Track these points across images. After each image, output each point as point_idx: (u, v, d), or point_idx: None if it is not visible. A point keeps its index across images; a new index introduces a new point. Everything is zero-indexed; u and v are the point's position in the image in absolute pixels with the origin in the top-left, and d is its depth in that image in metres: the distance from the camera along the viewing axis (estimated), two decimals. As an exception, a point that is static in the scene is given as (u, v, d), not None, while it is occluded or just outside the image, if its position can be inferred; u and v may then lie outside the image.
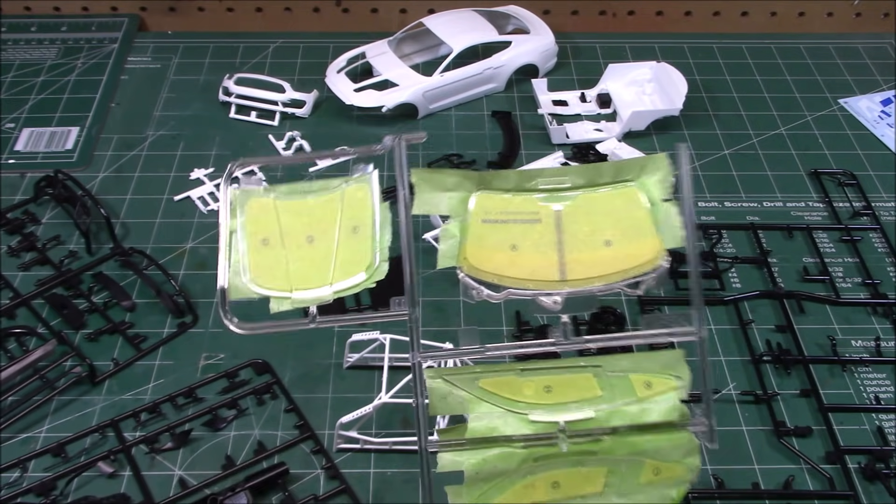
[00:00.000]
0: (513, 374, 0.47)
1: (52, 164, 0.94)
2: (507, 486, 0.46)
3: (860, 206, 0.92)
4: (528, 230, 0.47)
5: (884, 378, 0.76)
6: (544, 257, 0.46)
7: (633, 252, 0.46)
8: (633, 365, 0.47)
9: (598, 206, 0.47)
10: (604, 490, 0.47)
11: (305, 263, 0.47)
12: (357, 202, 0.48)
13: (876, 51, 1.17)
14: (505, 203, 0.47)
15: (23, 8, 1.20)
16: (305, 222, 0.48)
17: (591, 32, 1.19)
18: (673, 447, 0.46)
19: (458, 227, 0.46)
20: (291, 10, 1.19)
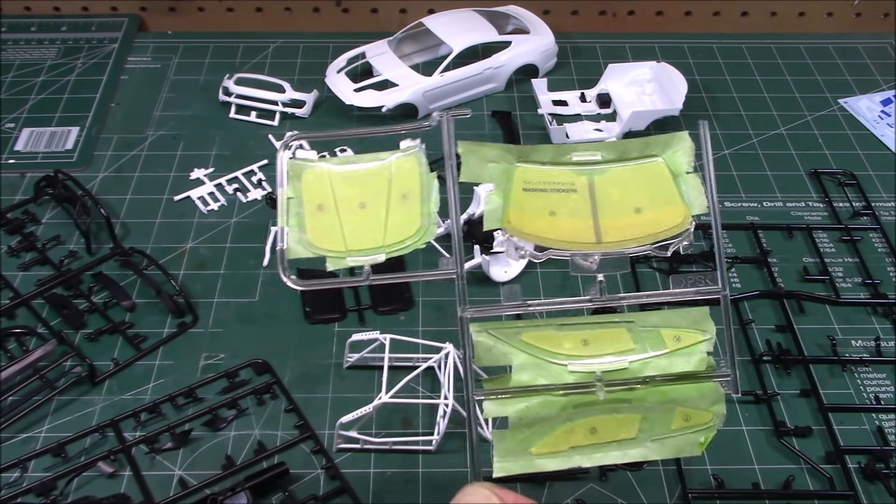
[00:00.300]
0: (552, 328, 0.50)
1: (52, 164, 0.94)
2: (548, 431, 0.49)
3: (860, 206, 0.92)
4: (564, 198, 0.51)
5: (884, 378, 0.76)
6: (581, 222, 0.50)
7: (661, 218, 0.50)
8: (662, 321, 0.51)
9: (627, 177, 0.51)
10: (638, 435, 0.50)
11: (359, 227, 0.50)
12: (406, 172, 0.51)
13: (876, 51, 1.17)
14: (543, 174, 0.51)
15: (23, 8, 1.20)
16: (357, 190, 0.51)
17: (591, 32, 1.19)
18: (700, 396, 0.49)
19: (501, 195, 0.50)
20: (291, 10, 1.19)
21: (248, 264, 0.85)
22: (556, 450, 0.50)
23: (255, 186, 0.93)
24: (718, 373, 0.49)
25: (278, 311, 0.81)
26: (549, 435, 0.49)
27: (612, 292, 0.49)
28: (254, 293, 0.82)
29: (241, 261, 0.85)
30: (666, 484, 0.68)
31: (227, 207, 0.91)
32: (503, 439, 0.49)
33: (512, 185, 0.50)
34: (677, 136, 0.52)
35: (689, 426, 0.50)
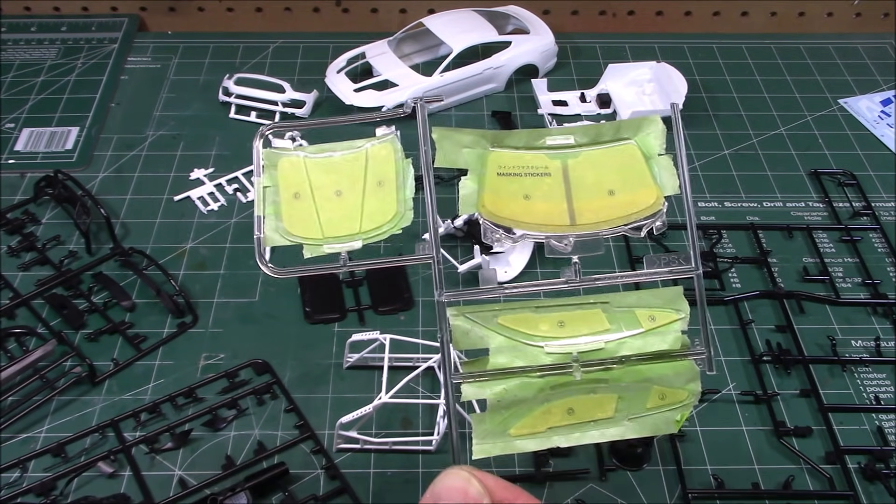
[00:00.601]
0: (529, 311, 0.50)
1: (52, 164, 0.94)
2: (526, 413, 0.50)
3: (860, 206, 0.92)
4: (538, 182, 0.51)
5: (884, 378, 0.76)
6: (555, 205, 0.51)
7: (634, 199, 0.51)
8: (637, 301, 0.51)
9: (600, 160, 0.52)
10: (615, 414, 0.51)
11: (335, 214, 0.50)
12: (381, 160, 0.52)
13: (876, 51, 1.17)
14: (517, 159, 0.52)
15: (23, 8, 1.20)
16: (333, 178, 0.51)
17: (591, 32, 1.19)
18: (676, 374, 0.50)
19: (476, 180, 0.51)
20: (291, 10, 1.19)
21: (248, 264, 0.85)
22: (535, 431, 0.50)
23: (255, 186, 0.93)
24: (693, 350, 0.50)
25: (278, 311, 0.81)
26: (528, 416, 0.50)
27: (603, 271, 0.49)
28: (254, 293, 0.82)
29: (241, 261, 0.85)
30: (666, 484, 0.68)
31: (227, 207, 0.91)
32: (482, 421, 0.50)
33: (486, 170, 0.51)
34: (648, 118, 0.52)
35: (665, 404, 0.51)
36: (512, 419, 0.50)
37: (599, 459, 0.69)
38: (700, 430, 0.71)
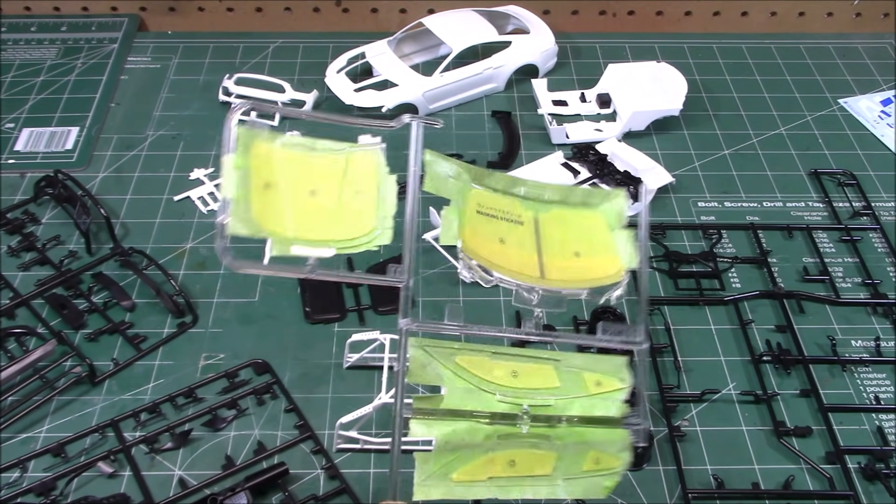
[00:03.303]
0: (486, 355, 0.50)
1: (52, 164, 0.94)
2: (471, 459, 0.49)
3: (860, 206, 0.92)
4: (512, 228, 0.52)
5: (884, 378, 0.76)
6: (527, 255, 0.51)
7: (597, 265, 0.52)
8: (586, 364, 0.52)
9: (569, 221, 0.53)
10: (552, 472, 0.51)
11: (307, 215, 0.48)
12: (362, 169, 0.50)
13: (876, 51, 1.17)
14: (495, 200, 0.52)
15: (23, 8, 1.20)
16: (306, 177, 0.48)
17: (591, 32, 1.19)
18: (611, 441, 0.51)
19: (457, 213, 0.50)
20: (291, 10, 1.19)
21: (248, 264, 0.85)
22: (475, 479, 0.50)
23: (255, 186, 0.93)
24: (632, 420, 0.51)
25: (278, 311, 0.81)
26: (471, 463, 0.49)
27: None
28: (254, 293, 0.82)
29: (241, 261, 0.85)
30: (666, 484, 0.68)
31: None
32: (427, 461, 0.49)
33: (467, 205, 0.51)
34: (614, 192, 0.54)
35: (599, 469, 0.51)
36: (456, 463, 0.49)
37: (599, 459, 0.69)
38: (700, 430, 0.71)
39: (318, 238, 0.47)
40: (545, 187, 0.53)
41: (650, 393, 0.73)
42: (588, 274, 0.51)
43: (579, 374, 0.51)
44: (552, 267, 0.51)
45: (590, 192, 0.54)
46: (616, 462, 0.51)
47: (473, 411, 0.49)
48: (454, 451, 0.49)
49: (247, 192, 0.46)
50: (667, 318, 0.80)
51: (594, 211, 0.54)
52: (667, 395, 0.73)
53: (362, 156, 0.50)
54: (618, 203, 0.54)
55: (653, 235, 0.88)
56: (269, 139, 0.48)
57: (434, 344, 0.49)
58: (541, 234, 0.52)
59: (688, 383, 0.75)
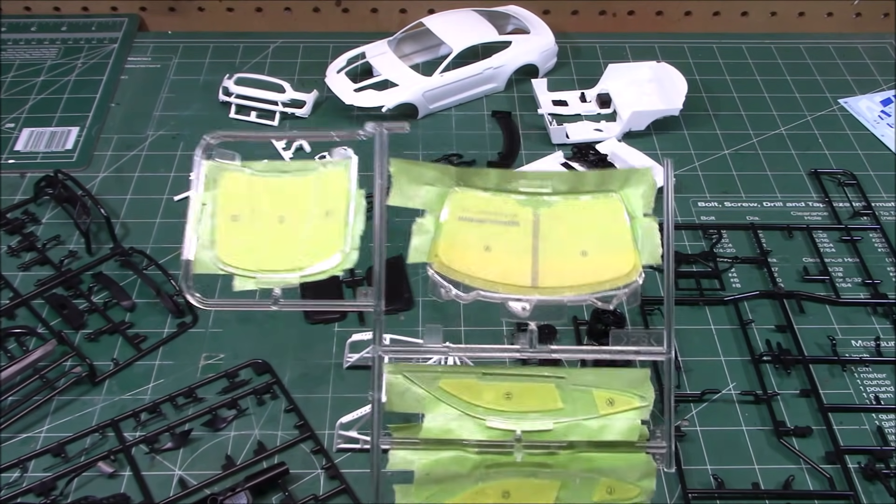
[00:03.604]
0: (474, 376, 0.46)
1: (52, 164, 0.94)
2: (457, 491, 0.46)
3: (860, 206, 0.92)
4: (503, 232, 0.46)
5: (884, 378, 0.76)
6: (517, 261, 0.46)
7: (608, 264, 0.45)
8: (597, 380, 0.46)
9: (577, 214, 0.47)
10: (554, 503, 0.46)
11: (274, 244, 0.46)
12: (333, 186, 0.47)
13: (876, 51, 1.17)
14: (483, 202, 0.46)
15: (23, 8, 1.20)
16: (278, 202, 0.47)
17: (591, 32, 1.19)
18: (629, 468, 0.45)
19: (433, 223, 0.46)
20: (291, 10, 1.19)
21: (248, 264, 0.85)
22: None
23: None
24: (653, 444, 0.45)
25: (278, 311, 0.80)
26: (458, 494, 0.46)
27: None
28: (254, 293, 0.82)
29: (241, 261, 0.85)
30: (666, 484, 0.68)
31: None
32: (407, 494, 0.45)
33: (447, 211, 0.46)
34: (639, 171, 0.46)
35: (613, 500, 0.46)
36: (441, 495, 0.46)
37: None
38: (700, 430, 0.71)
39: (283, 267, 0.46)
40: (550, 177, 0.46)
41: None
42: (594, 276, 0.45)
43: (588, 392, 0.45)
44: (549, 271, 0.45)
45: (608, 174, 0.46)
46: (635, 492, 0.46)
47: (459, 440, 0.45)
48: (439, 482, 0.45)
49: (213, 229, 0.46)
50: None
51: (612, 198, 0.46)
52: (667, 395, 0.73)
53: (333, 173, 0.47)
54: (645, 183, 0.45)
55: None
56: (239, 170, 0.47)
57: (413, 368, 0.46)
58: (539, 235, 0.46)
59: (688, 383, 0.75)
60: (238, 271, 0.46)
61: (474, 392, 0.46)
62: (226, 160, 0.47)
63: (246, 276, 0.46)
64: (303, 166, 0.47)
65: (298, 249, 0.46)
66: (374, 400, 0.45)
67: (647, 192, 0.46)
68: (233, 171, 0.47)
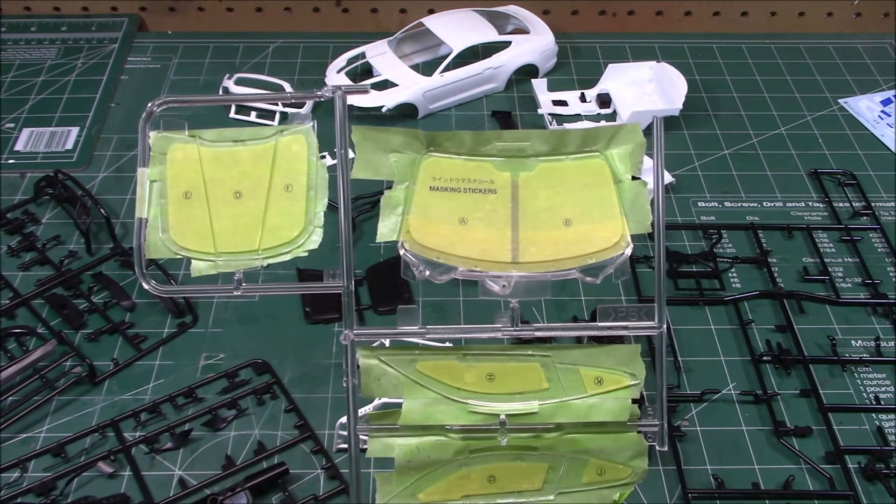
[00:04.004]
0: (454, 358, 0.44)
1: (52, 164, 0.94)
2: (440, 477, 0.44)
3: (860, 206, 0.92)
4: (479, 201, 0.42)
5: (884, 378, 0.76)
6: (496, 234, 0.42)
7: (593, 234, 0.42)
8: (584, 358, 0.44)
9: (560, 177, 0.43)
10: (542, 487, 0.44)
11: (232, 222, 0.43)
12: (292, 157, 0.44)
13: (876, 51, 1.17)
14: (457, 168, 0.43)
15: (23, 8, 1.20)
16: (233, 175, 0.43)
17: (591, 32, 1.19)
18: (620, 448, 0.44)
19: (404, 194, 0.42)
20: (291, 10, 1.19)
21: (248, 264, 0.85)
22: (448, 498, 0.44)
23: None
24: (645, 422, 0.43)
25: (278, 311, 0.81)
26: (441, 481, 0.44)
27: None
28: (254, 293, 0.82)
29: (241, 261, 0.85)
30: (666, 484, 0.68)
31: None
32: (388, 482, 0.44)
33: (417, 181, 0.42)
34: (626, 128, 0.43)
35: (604, 481, 0.44)
36: (423, 483, 0.44)
37: (599, 459, 0.69)
38: (700, 430, 0.71)
39: (243, 248, 0.42)
40: (529, 136, 0.43)
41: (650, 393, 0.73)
42: (580, 247, 0.42)
43: (575, 370, 0.43)
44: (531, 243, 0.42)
45: (592, 132, 0.43)
46: (626, 472, 0.44)
47: (440, 424, 0.43)
48: (420, 469, 0.43)
49: (163, 208, 0.42)
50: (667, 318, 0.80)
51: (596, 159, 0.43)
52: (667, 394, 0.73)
53: (292, 140, 0.44)
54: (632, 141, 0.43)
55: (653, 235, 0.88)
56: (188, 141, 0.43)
57: (390, 352, 0.43)
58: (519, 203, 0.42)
59: (688, 383, 0.75)
60: (194, 254, 0.42)
61: (455, 374, 0.43)
62: (173, 131, 0.43)
63: (204, 260, 0.42)
64: (257, 134, 0.44)
65: (258, 229, 0.43)
66: (349, 386, 0.43)
67: (635, 151, 0.43)
68: (181, 142, 0.43)
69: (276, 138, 0.44)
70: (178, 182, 0.42)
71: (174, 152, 0.43)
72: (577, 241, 0.42)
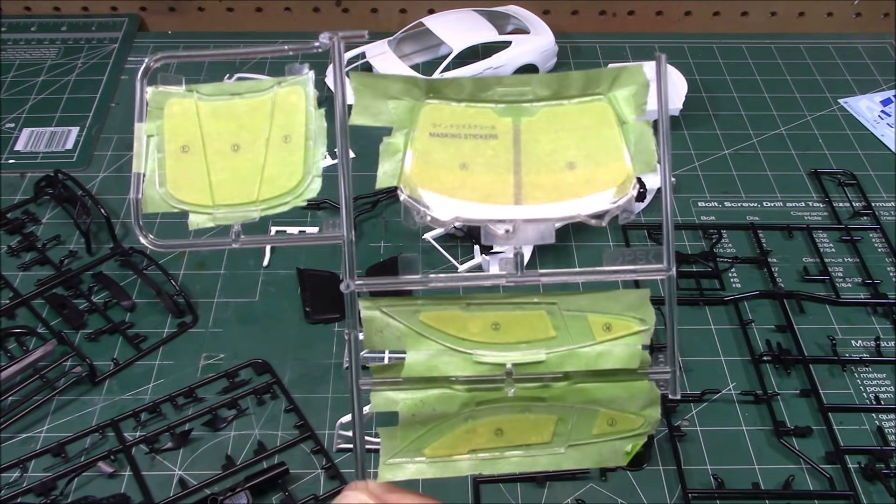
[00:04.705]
0: (458, 307, 0.42)
1: (52, 164, 0.94)
2: (446, 430, 0.43)
3: (860, 206, 0.92)
4: (481, 146, 0.42)
5: (884, 378, 0.76)
6: (498, 178, 0.41)
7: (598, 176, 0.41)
8: (592, 304, 0.42)
9: (562, 121, 0.42)
10: (552, 439, 0.43)
11: (230, 175, 0.42)
12: (290, 107, 0.44)
13: (876, 51, 1.17)
14: (457, 115, 0.42)
15: (23, 8, 1.20)
16: (231, 128, 0.43)
17: (591, 32, 1.19)
18: (630, 397, 0.42)
19: (403, 141, 0.42)
20: (291, 10, 1.19)
21: (248, 264, 0.85)
22: (454, 452, 0.43)
23: (255, 186, 0.93)
24: (656, 370, 0.42)
25: (278, 311, 0.81)
26: (447, 435, 0.43)
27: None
28: (254, 293, 0.82)
29: (240, 261, 0.85)
30: (666, 484, 0.68)
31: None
32: (392, 437, 0.43)
33: (416, 127, 0.42)
34: (629, 69, 0.42)
35: (615, 432, 0.43)
36: (428, 437, 0.42)
37: (599, 459, 0.69)
38: (700, 430, 0.71)
39: (242, 201, 0.42)
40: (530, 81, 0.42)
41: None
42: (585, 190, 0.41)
43: (583, 317, 0.42)
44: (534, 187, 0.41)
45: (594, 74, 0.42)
46: (639, 422, 0.42)
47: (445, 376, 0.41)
48: (425, 423, 0.42)
49: (161, 162, 0.42)
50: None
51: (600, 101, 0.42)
52: (667, 395, 0.73)
53: (290, 91, 0.44)
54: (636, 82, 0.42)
55: (653, 235, 0.88)
56: (185, 95, 0.43)
57: (391, 303, 0.42)
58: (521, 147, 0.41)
59: (688, 383, 0.75)
60: (192, 208, 0.42)
61: (459, 324, 0.42)
62: (170, 85, 0.43)
63: (201, 213, 0.43)
64: (255, 86, 0.44)
65: (257, 180, 0.42)
66: (351, 339, 0.42)
67: (638, 92, 0.42)
68: (179, 96, 0.43)
69: (274, 90, 0.44)
70: (175, 136, 0.42)
71: (171, 107, 0.43)
72: (581, 184, 0.41)
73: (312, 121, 0.43)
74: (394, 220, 0.88)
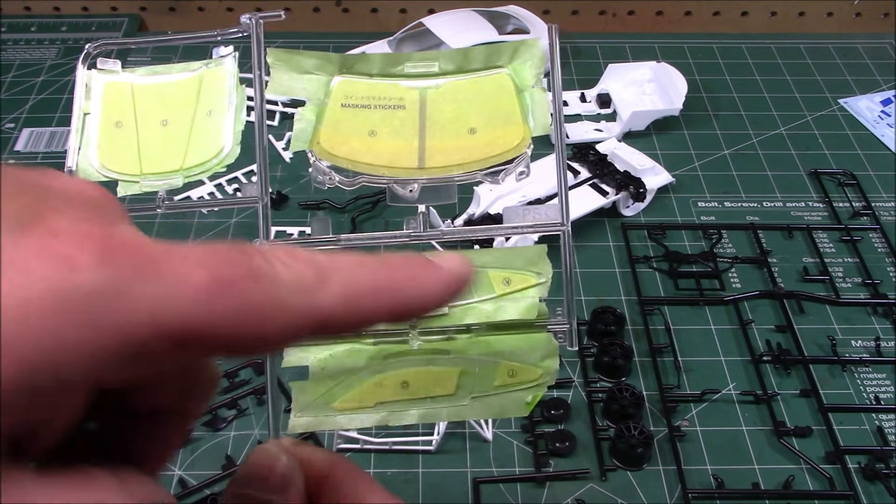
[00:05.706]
0: None
1: (52, 164, 0.94)
2: (355, 384, 0.44)
3: (860, 206, 0.92)
4: (389, 116, 0.45)
5: (884, 378, 0.76)
6: (404, 144, 0.44)
7: (497, 139, 0.45)
8: (493, 260, 0.44)
9: (465, 92, 0.46)
10: (456, 392, 0.44)
11: (158, 147, 0.46)
12: (214, 85, 0.48)
13: (876, 51, 1.17)
14: (368, 88, 0.45)
15: (23, 8, 1.20)
16: (162, 106, 0.47)
17: (591, 32, 1.19)
18: (530, 348, 0.43)
19: (315, 111, 0.45)
20: (291, 10, 1.19)
21: (248, 264, 0.85)
22: (362, 405, 0.44)
23: (255, 186, 0.93)
24: (553, 321, 0.43)
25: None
26: (355, 388, 0.44)
27: None
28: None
29: (241, 261, 0.85)
30: (666, 484, 0.68)
31: (227, 208, 0.91)
32: (303, 391, 0.45)
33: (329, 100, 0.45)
34: (526, 43, 0.46)
35: (515, 383, 0.44)
36: (338, 391, 0.44)
37: (600, 460, 0.69)
38: (700, 430, 0.71)
39: (167, 170, 0.46)
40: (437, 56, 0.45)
41: (650, 393, 0.73)
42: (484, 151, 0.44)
43: (483, 273, 0.43)
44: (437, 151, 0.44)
45: (495, 49, 0.46)
46: (538, 373, 0.43)
47: None
48: (334, 377, 0.44)
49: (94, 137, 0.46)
50: (667, 318, 0.80)
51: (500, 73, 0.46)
52: (667, 395, 0.73)
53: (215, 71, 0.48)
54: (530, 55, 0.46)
55: (653, 235, 0.88)
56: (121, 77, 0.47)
57: None
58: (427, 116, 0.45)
59: (688, 383, 0.75)
60: (121, 176, 0.45)
61: None
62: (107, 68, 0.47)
63: (130, 181, 0.46)
64: (185, 67, 0.48)
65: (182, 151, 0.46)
66: None
67: (536, 63, 0.46)
68: (115, 78, 0.47)
69: (201, 70, 0.49)
70: (109, 114, 0.46)
71: (107, 88, 0.47)
72: (481, 147, 0.44)
73: (233, 96, 0.47)
74: (394, 221, 0.88)
